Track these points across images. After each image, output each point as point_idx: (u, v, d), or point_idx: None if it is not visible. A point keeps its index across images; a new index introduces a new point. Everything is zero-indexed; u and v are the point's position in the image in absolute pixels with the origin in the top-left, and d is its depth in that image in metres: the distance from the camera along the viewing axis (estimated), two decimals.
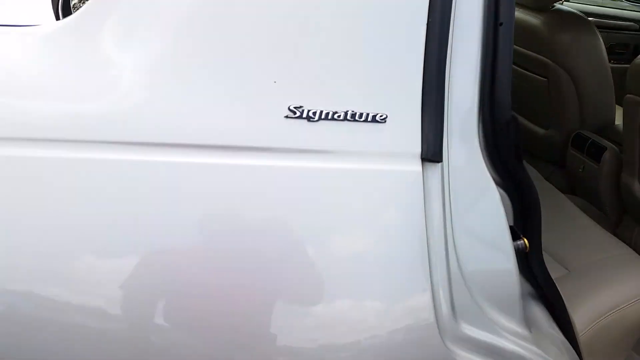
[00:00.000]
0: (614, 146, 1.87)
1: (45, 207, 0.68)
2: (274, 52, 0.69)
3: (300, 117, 0.69)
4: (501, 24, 0.79)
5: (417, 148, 0.73)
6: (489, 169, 0.85)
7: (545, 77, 2.00)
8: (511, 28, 0.80)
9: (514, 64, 2.15)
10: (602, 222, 1.96)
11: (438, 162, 0.74)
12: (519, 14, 2.04)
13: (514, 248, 0.85)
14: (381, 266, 0.73)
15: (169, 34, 0.70)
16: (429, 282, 0.74)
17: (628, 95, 1.66)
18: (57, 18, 0.82)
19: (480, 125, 0.82)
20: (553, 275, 1.32)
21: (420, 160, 0.73)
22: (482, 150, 0.82)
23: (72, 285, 0.70)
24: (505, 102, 0.81)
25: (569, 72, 1.92)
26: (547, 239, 1.43)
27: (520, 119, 2.26)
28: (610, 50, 2.65)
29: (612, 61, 2.53)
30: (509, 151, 0.83)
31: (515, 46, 2.11)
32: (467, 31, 0.77)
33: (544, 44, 1.96)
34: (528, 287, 0.98)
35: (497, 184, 0.87)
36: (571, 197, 2.13)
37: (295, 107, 0.69)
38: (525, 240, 0.86)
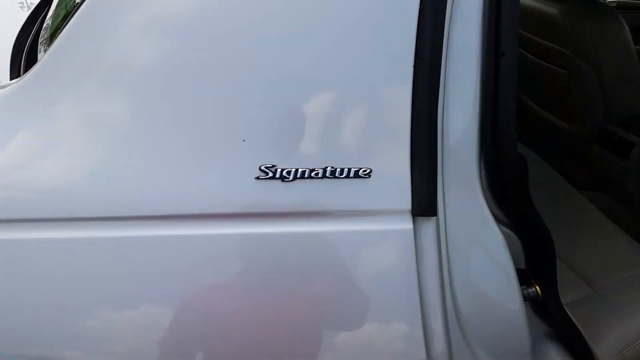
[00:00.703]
0: None
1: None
2: (241, 106, 0.61)
3: (273, 177, 0.61)
4: (503, 55, 0.69)
5: (407, 204, 0.64)
6: (494, 211, 0.76)
7: (565, 70, 1.86)
8: (514, 58, 0.70)
9: (533, 55, 2.01)
10: (630, 222, 1.82)
11: (431, 216, 0.65)
12: (536, 3, 1.90)
13: (524, 296, 0.75)
14: (368, 337, 0.65)
15: (125, 95, 0.62)
16: (424, 347, 0.66)
17: None
18: (17, 74, 0.76)
19: (482, 165, 0.73)
20: (576, 295, 1.22)
21: (410, 216, 0.65)
22: (485, 192, 0.73)
23: None
24: (510, 140, 0.71)
25: (592, 65, 1.78)
26: (571, 252, 1.33)
27: (542, 112, 2.13)
28: (636, 31, 2.47)
29: (639, 44, 2.35)
30: (517, 191, 0.74)
31: (533, 37, 1.97)
32: (464, 65, 0.68)
33: (564, 36, 1.82)
34: (544, 327, 0.89)
35: (505, 225, 0.77)
36: (596, 194, 1.99)
37: (267, 167, 0.61)
38: (537, 287, 0.76)
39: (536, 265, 0.79)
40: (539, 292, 0.76)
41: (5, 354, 0.65)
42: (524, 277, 0.78)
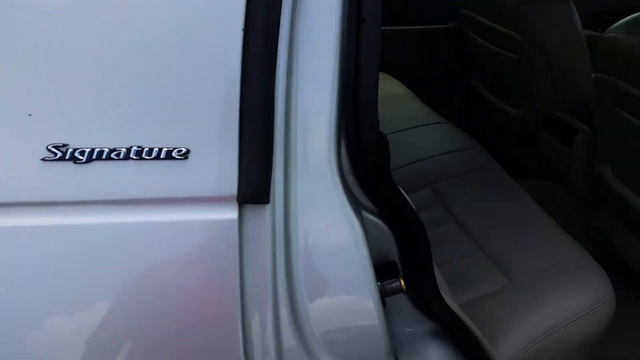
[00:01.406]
0: (587, 129, 1.64)
1: None
2: (26, 73, 0.51)
3: (64, 158, 0.51)
4: (363, 21, 0.59)
5: (233, 190, 0.54)
6: (361, 198, 0.66)
7: (515, 54, 1.76)
8: (377, 26, 0.60)
9: (484, 39, 1.91)
10: (574, 213, 1.74)
11: (263, 203, 0.56)
12: None
13: (387, 290, 0.66)
14: (181, 339, 0.56)
15: None
16: (242, 354, 0.57)
17: (596, 74, 1.42)
18: None
19: (344, 147, 0.63)
20: (492, 287, 1.13)
21: (237, 204, 0.55)
22: (346, 177, 0.63)
23: None
24: (371, 119, 0.62)
25: (540, 49, 1.68)
26: (493, 243, 1.24)
27: (492, 98, 2.04)
28: (597, 18, 2.36)
29: (599, 30, 2.24)
30: (379, 176, 0.65)
31: (483, 19, 1.86)
32: (318, 33, 0.58)
33: (512, 19, 1.71)
34: (430, 325, 0.80)
35: (372, 213, 0.68)
36: (542, 183, 1.91)
37: (55, 147, 0.51)
38: (402, 280, 0.67)
39: (410, 257, 0.70)
40: (403, 286, 0.67)
41: None
42: (394, 269, 0.69)
